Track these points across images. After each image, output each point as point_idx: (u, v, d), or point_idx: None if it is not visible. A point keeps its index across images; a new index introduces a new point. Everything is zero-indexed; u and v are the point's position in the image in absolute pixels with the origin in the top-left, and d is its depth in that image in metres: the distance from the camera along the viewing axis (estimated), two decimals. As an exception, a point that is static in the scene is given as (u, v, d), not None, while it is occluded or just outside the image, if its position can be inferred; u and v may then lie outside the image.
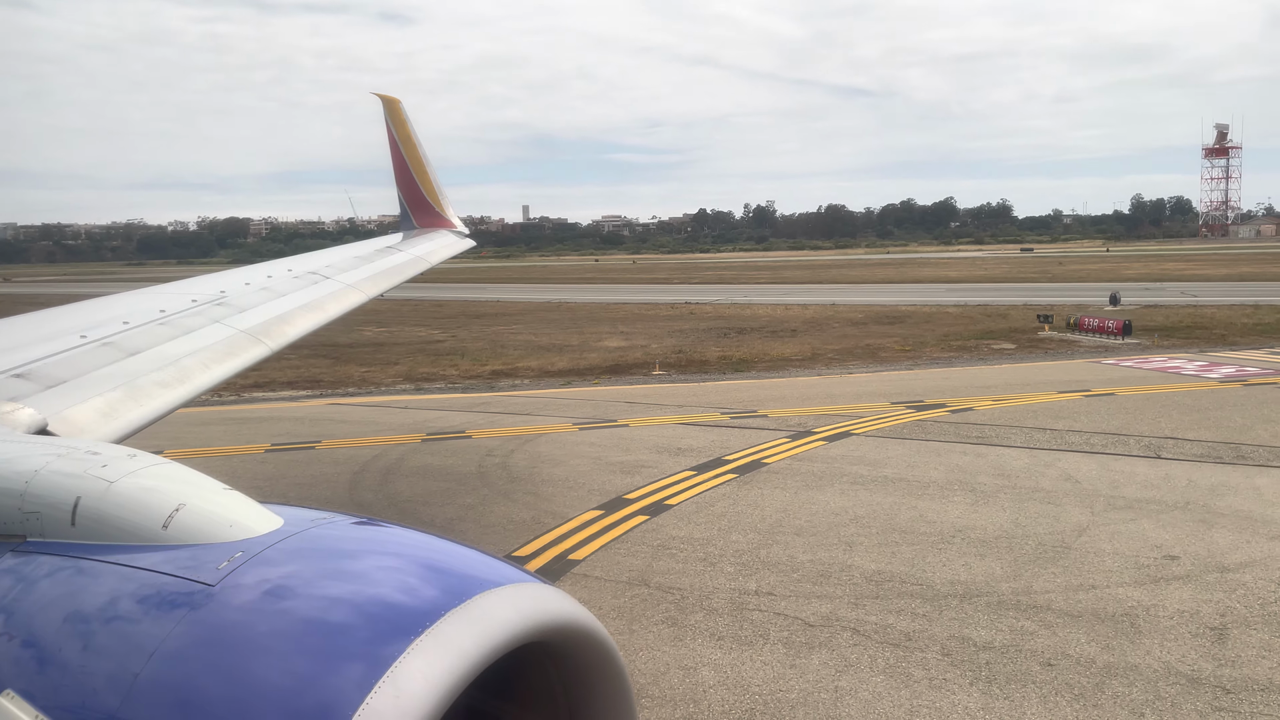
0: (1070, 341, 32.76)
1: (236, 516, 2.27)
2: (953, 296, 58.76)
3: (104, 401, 5.20)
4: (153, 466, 2.56)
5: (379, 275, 11.48)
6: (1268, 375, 24.02)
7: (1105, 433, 17.90)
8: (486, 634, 1.88)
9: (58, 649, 2.02)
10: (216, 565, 2.07)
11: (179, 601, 1.99)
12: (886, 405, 21.68)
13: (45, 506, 2.45)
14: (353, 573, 2.06)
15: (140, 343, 6.33)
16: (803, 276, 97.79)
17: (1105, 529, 12.40)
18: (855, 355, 31.48)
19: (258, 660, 1.83)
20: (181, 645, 1.89)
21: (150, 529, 2.28)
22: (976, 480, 14.96)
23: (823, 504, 13.93)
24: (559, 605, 2.09)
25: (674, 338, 39.60)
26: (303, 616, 1.90)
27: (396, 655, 1.79)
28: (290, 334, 8.03)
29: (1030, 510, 13.31)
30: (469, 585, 2.00)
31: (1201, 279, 71.64)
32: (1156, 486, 14.26)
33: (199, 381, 6.23)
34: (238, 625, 1.90)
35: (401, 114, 16.73)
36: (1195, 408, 20.09)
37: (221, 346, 6.92)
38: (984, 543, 12.04)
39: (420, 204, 16.91)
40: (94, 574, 2.20)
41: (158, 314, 7.08)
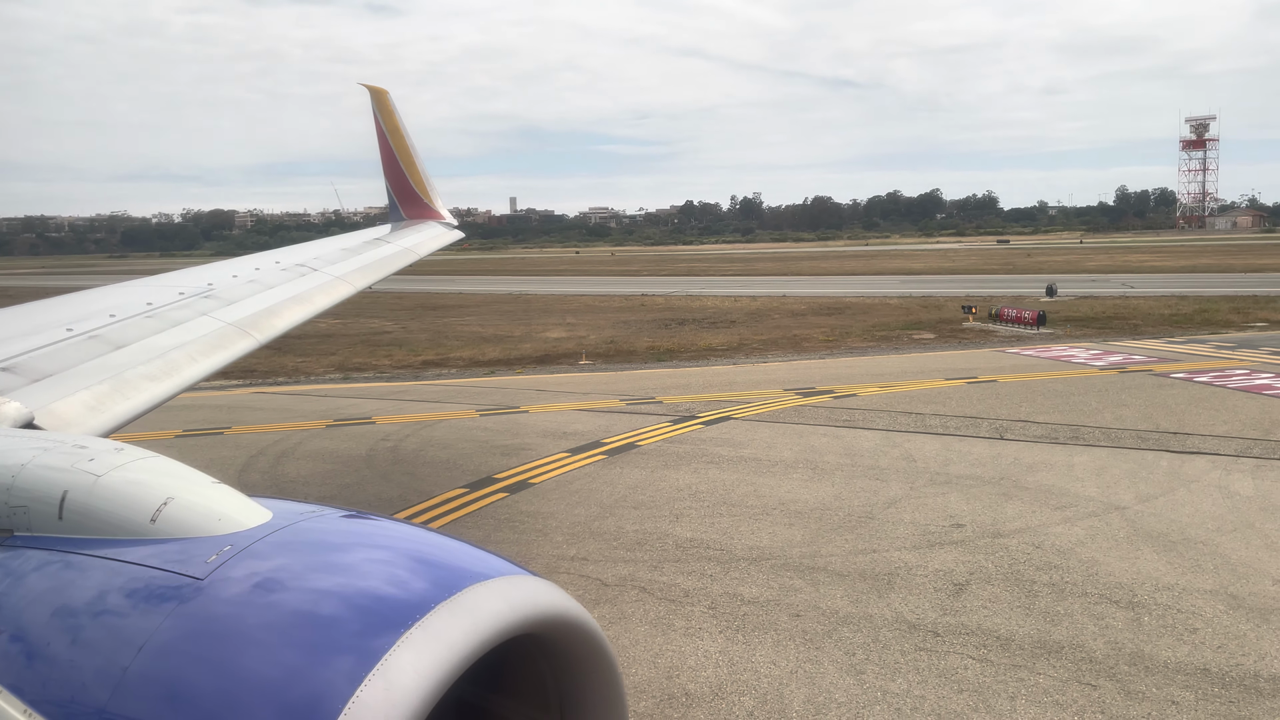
0: (989, 332, 34.04)
1: (225, 510, 2.28)
2: (905, 288, 59.99)
3: (91, 395, 5.22)
4: (140, 460, 2.56)
5: (367, 267, 11.51)
6: (1150, 363, 25.28)
7: (964, 416, 19.11)
8: (476, 626, 1.89)
9: (46, 644, 2.02)
10: (205, 559, 2.08)
11: (168, 595, 2.00)
12: (779, 392, 22.85)
13: (32, 501, 2.44)
14: (342, 566, 2.07)
15: (127, 336, 6.33)
16: (772, 269, 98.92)
17: (914, 501, 13.59)
18: (779, 345, 32.65)
19: (248, 654, 1.83)
20: (171, 639, 1.90)
21: (138, 523, 2.27)
22: (822, 459, 16.14)
23: (671, 481, 15.07)
24: (549, 597, 2.09)
25: (615, 329, 40.70)
26: (292, 610, 1.90)
27: (387, 648, 1.79)
28: (279, 326, 8.08)
29: (856, 485, 14.49)
30: (459, 578, 2.00)
31: (1159, 270, 73.07)
32: (983, 464, 15.46)
33: (187, 374, 6.26)
34: (227, 619, 1.91)
35: (389, 105, 16.69)
36: (1061, 393, 21.33)
37: (209, 339, 6.94)
38: (799, 514, 13.21)
39: (408, 195, 16.91)
40: (82, 568, 2.19)
41: (145, 307, 7.07)
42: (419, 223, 16.25)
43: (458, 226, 17.10)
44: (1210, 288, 51.54)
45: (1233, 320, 34.80)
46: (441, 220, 16.84)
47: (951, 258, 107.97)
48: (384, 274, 11.87)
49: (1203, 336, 30.80)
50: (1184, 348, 28.20)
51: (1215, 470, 14.59)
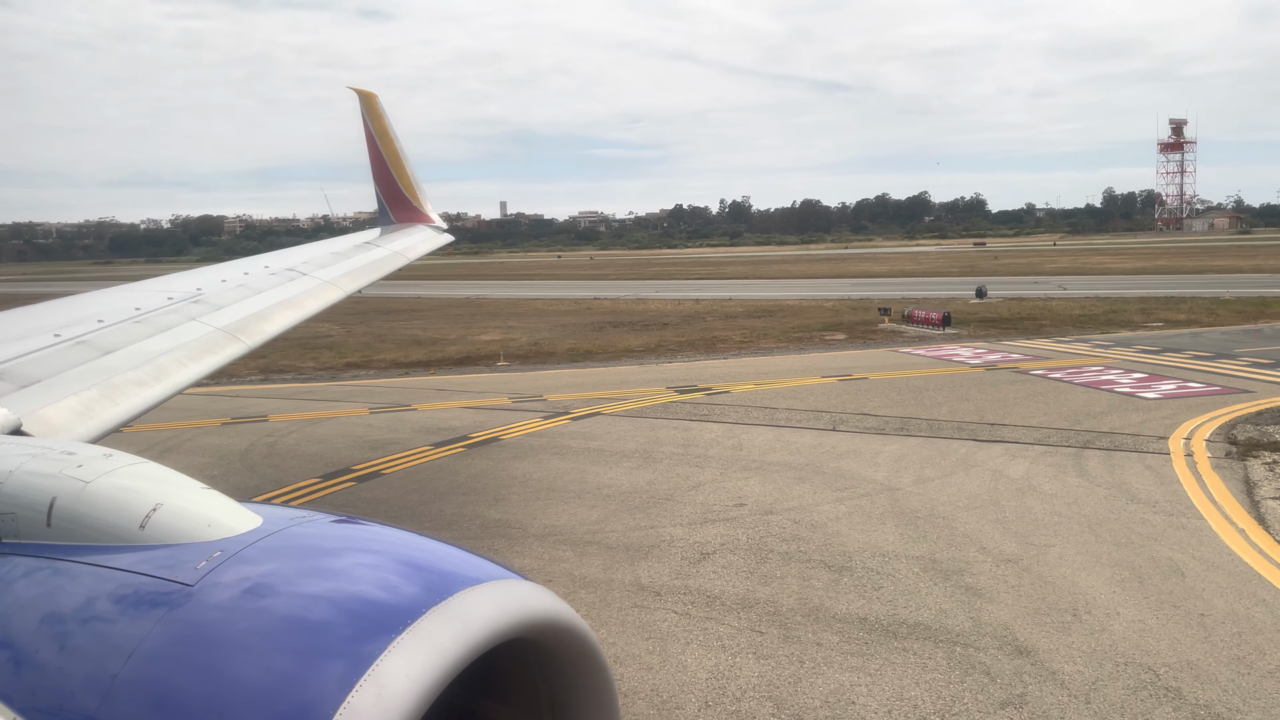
0: (898, 332, 35.50)
1: (215, 515, 2.29)
2: (852, 291, 61.46)
3: (79, 401, 5.24)
4: (129, 466, 2.57)
5: (357, 271, 11.60)
6: (1021, 361, 26.76)
7: (813, 410, 20.54)
8: (468, 631, 1.90)
9: (34, 651, 2.02)
10: (195, 565, 2.08)
11: (157, 601, 2.00)
12: (661, 389, 24.27)
13: (20, 508, 2.44)
14: (333, 571, 2.08)
15: (116, 341, 6.37)
16: (741, 272, 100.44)
17: (716, 485, 15.00)
18: (694, 347, 34.06)
19: (238, 660, 1.84)
20: (160, 645, 1.90)
21: (127, 529, 2.28)
22: (659, 449, 17.55)
23: (510, 470, 16.46)
24: (540, 602, 2.11)
25: (549, 331, 42.09)
26: (283, 615, 1.91)
27: (378, 653, 1.80)
28: (268, 331, 8.14)
29: (675, 472, 15.89)
30: (450, 582, 2.02)
31: (1113, 272, 74.69)
32: (799, 453, 16.88)
33: (176, 379, 6.29)
34: (217, 625, 1.91)
35: (378, 109, 16.83)
36: (918, 389, 22.78)
37: (198, 344, 7.00)
38: (607, 497, 14.61)
39: (398, 199, 17.05)
40: (70, 575, 2.20)
41: (133, 312, 7.11)
42: (408, 226, 16.49)
43: (447, 230, 17.39)
44: (1141, 289, 53.11)
45: (1134, 320, 36.32)
46: (431, 224, 17.06)
47: (920, 261, 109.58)
48: (374, 278, 11.98)
49: (1089, 336, 32.31)
50: (1066, 346, 29.70)
51: (1002, 457, 16.04)
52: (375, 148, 16.92)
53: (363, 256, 12.49)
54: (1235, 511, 12.69)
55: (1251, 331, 31.65)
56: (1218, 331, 32.03)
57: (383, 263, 12.79)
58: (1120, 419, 18.54)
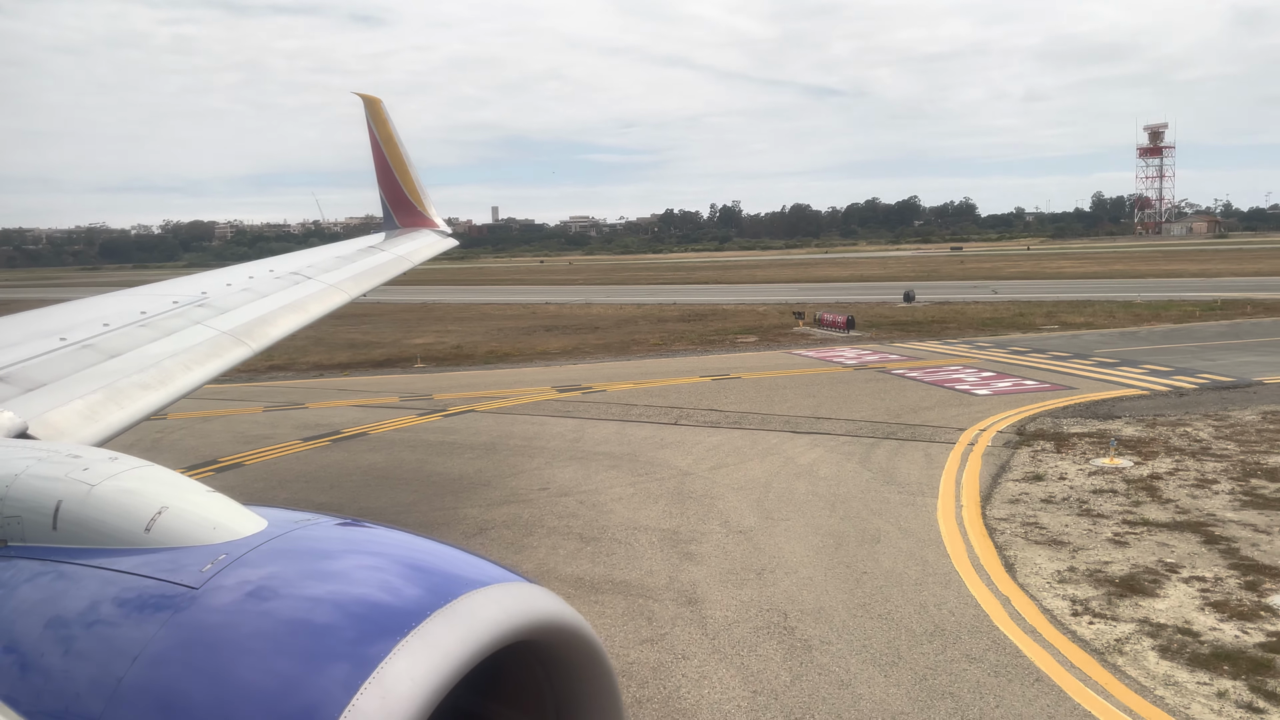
0: (807, 334, 37.19)
1: (220, 519, 2.33)
2: (797, 295, 63.13)
3: (85, 404, 5.30)
4: (135, 469, 2.59)
5: (361, 275, 11.75)
6: (894, 361, 28.48)
7: (667, 407, 22.21)
8: (472, 634, 1.93)
9: (40, 654, 2.05)
10: (200, 568, 2.12)
11: (162, 605, 2.03)
12: (546, 388, 25.92)
13: (26, 511, 2.48)
14: (337, 574, 2.11)
15: (121, 345, 6.43)
16: (709, 277, 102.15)
17: (537, 473, 16.63)
18: (609, 349, 35.70)
19: (243, 663, 1.87)
20: (165, 649, 1.93)
21: (133, 532, 2.31)
22: (507, 442, 19.19)
23: (360, 461, 18.08)
24: (545, 604, 2.14)
25: (482, 335, 43.72)
26: (287, 618, 1.94)
27: (382, 656, 1.83)
28: (273, 334, 8.23)
29: (506, 462, 17.53)
30: (454, 585, 2.05)
31: (1066, 276, 76.55)
32: (629, 444, 18.53)
33: (181, 383, 6.35)
34: (222, 628, 1.95)
35: (383, 113, 17.09)
36: (777, 387, 24.47)
37: (203, 348, 7.06)
38: (433, 483, 16.23)
39: (402, 203, 17.31)
40: (76, 578, 2.23)
41: (139, 315, 7.20)
42: (413, 231, 16.71)
43: (451, 234, 17.59)
44: (1071, 293, 54.92)
45: (1034, 323, 38.04)
46: (435, 228, 17.26)
47: (887, 265, 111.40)
48: (378, 282, 12.14)
49: (979, 338, 34.04)
50: (948, 348, 31.43)
51: (805, 446, 17.70)
52: (380, 152, 17.17)
53: (367, 260, 12.66)
54: (970, 492, 14.36)
55: (1128, 334, 33.40)
56: (1098, 334, 33.80)
57: (387, 267, 12.97)
58: (939, 413, 20.22)
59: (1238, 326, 34.28)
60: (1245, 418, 18.62)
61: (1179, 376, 23.63)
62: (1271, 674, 8.37)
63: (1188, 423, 18.41)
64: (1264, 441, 16.70)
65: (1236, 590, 10.24)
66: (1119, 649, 9.01)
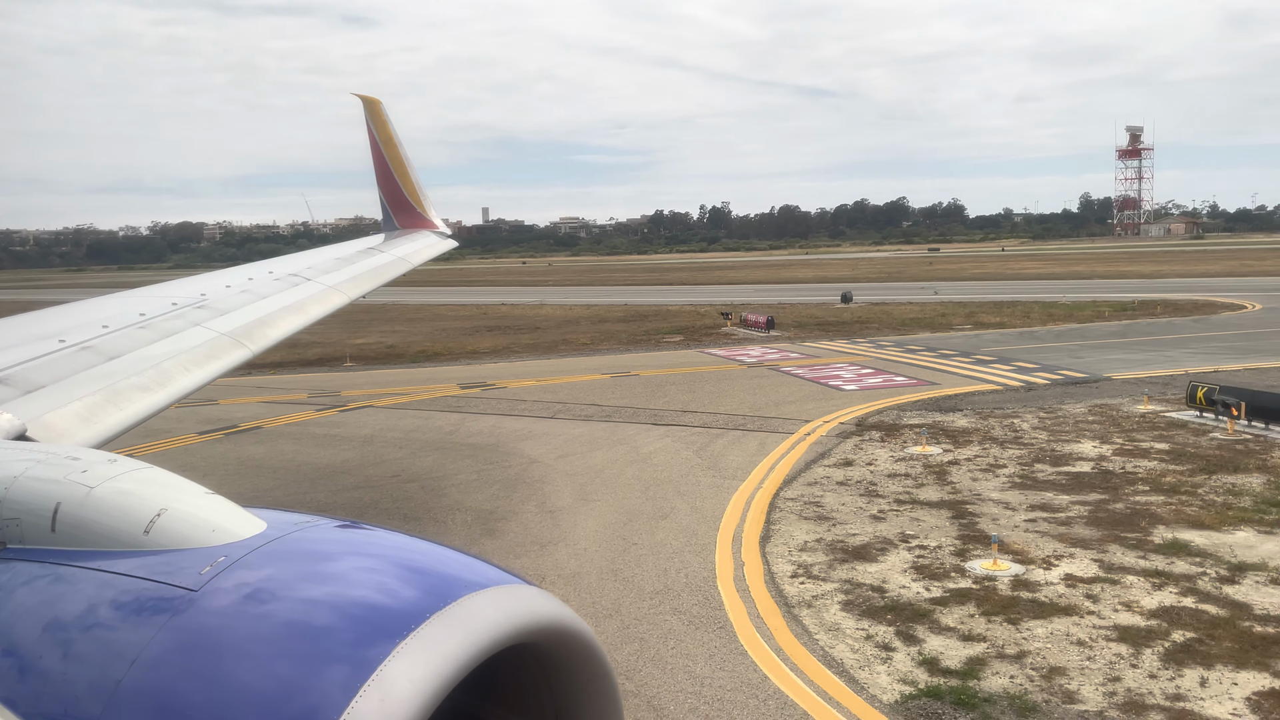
0: (730, 334, 38.64)
1: (219, 521, 2.35)
2: (752, 296, 64.59)
3: (83, 406, 5.33)
4: (133, 471, 2.63)
5: (361, 276, 11.81)
6: (791, 359, 29.93)
7: (555, 402, 23.62)
8: (471, 636, 1.95)
9: (38, 657, 2.07)
10: (199, 570, 2.13)
11: (161, 607, 2.05)
12: (452, 385, 27.28)
13: (25, 513, 2.51)
14: (336, 576, 2.13)
15: (120, 346, 6.45)
16: (680, 278, 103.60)
17: (397, 462, 18.00)
18: (537, 348, 37.08)
19: (242, 665, 1.88)
20: (164, 651, 1.94)
21: (132, 534, 2.33)
22: (386, 435, 20.55)
23: (242, 453, 19.42)
24: (544, 606, 2.15)
25: (422, 335, 45.07)
26: (286, 620, 1.96)
27: (382, 658, 1.85)
28: (272, 336, 8.27)
29: (375, 452, 18.89)
30: (453, 587, 2.06)
31: (1024, 277, 78.15)
32: (498, 436, 19.91)
33: (180, 385, 6.39)
34: (221, 630, 1.96)
35: (382, 114, 17.17)
36: (667, 383, 25.94)
37: (202, 349, 7.11)
38: (298, 472, 17.59)
39: (402, 205, 17.37)
40: (74, 580, 2.25)
41: (138, 317, 7.22)
42: (412, 232, 16.76)
43: (451, 236, 17.71)
44: (1010, 294, 56.39)
45: (951, 323, 39.54)
46: (435, 229, 17.34)
47: (858, 267, 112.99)
48: (377, 283, 12.22)
49: (886, 337, 35.55)
50: (853, 346, 32.94)
51: (656, 437, 19.10)
52: (379, 153, 17.24)
53: (367, 262, 12.71)
54: (777, 476, 15.77)
55: (1027, 334, 34.96)
56: (1000, 333, 35.37)
57: (386, 268, 13.05)
58: (799, 407, 21.64)
59: (1132, 327, 35.87)
60: (1073, 410, 20.08)
61: (1040, 373, 25.12)
62: (924, 623, 9.77)
63: (1017, 415, 19.86)
64: (1073, 432, 18.14)
65: (946, 556, 11.66)
66: (809, 604, 10.42)
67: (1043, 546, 11.86)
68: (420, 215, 17.38)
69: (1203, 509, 13.06)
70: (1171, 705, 7.92)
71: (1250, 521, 12.46)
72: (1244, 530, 12.16)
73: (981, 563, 11.33)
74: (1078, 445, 16.99)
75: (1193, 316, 38.79)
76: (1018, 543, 12.03)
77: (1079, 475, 15.06)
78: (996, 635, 9.41)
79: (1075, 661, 8.77)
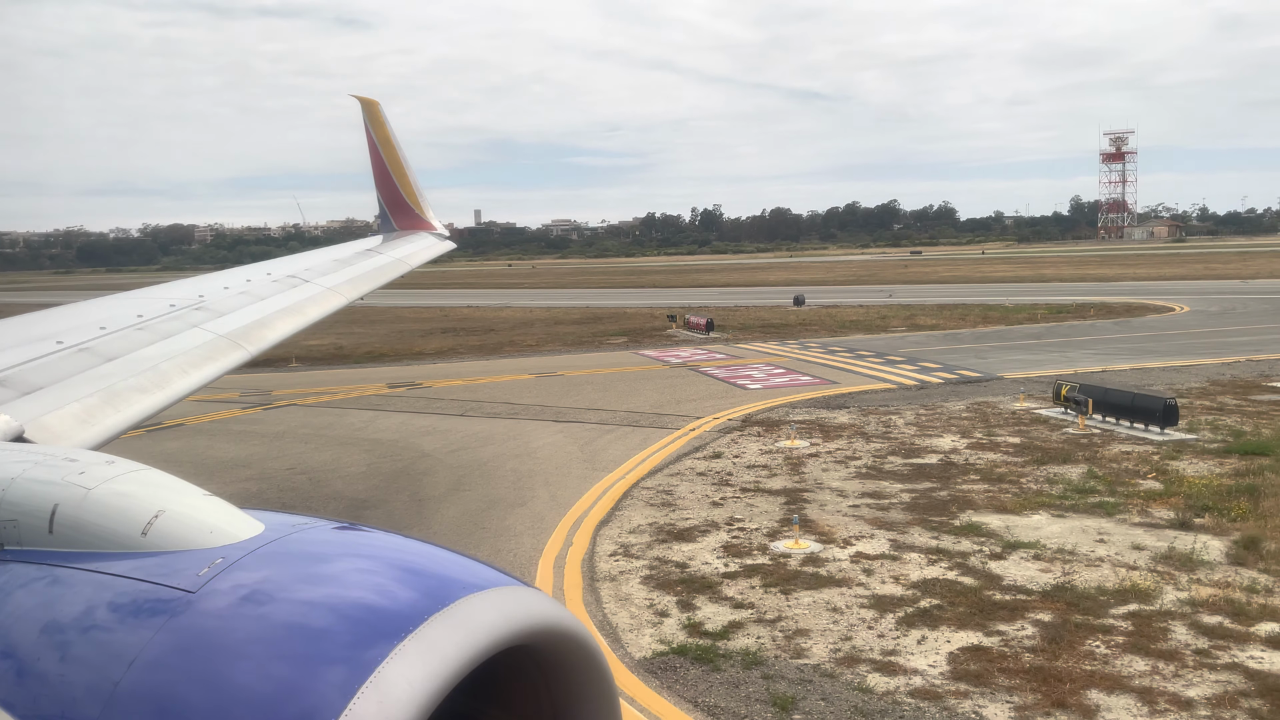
0: (672, 336, 39.76)
1: (217, 522, 2.36)
2: (712, 299, 65.73)
3: (81, 408, 5.35)
4: (131, 473, 2.64)
5: (359, 278, 11.89)
6: (716, 360, 31.05)
7: (470, 400, 24.70)
8: (470, 638, 1.96)
9: (36, 659, 2.09)
10: (197, 572, 2.15)
11: (159, 609, 2.06)
12: (380, 385, 28.33)
13: (22, 515, 2.52)
14: (334, 577, 2.14)
15: (118, 348, 6.48)
16: (657, 281, 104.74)
17: (298, 455, 19.04)
18: (483, 350, 38.16)
19: (239, 667, 1.89)
20: (162, 653, 1.96)
21: (129, 536, 2.34)
22: (299, 430, 21.61)
23: (158, 447, 20.43)
24: (542, 608, 2.17)
25: (376, 337, 46.11)
26: (284, 622, 1.97)
27: (380, 660, 1.86)
28: (270, 338, 8.34)
29: (278, 447, 19.93)
30: (452, 589, 2.07)
31: (990, 280, 79.40)
32: (402, 432, 20.98)
33: (178, 386, 6.46)
34: (219, 632, 1.97)
35: (380, 116, 17.32)
36: (586, 383, 27.06)
37: (200, 351, 7.20)
38: (200, 465, 18.62)
39: (400, 206, 17.53)
40: (72, 582, 2.27)
41: (135, 319, 7.25)
42: (411, 233, 16.88)
43: (449, 238, 17.85)
44: (959, 297, 57.62)
45: (889, 326, 40.70)
46: (433, 231, 17.52)
47: (834, 269, 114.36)
48: (376, 285, 12.29)
49: (815, 340, 36.69)
50: (778, 347, 34.16)
51: (551, 433, 20.18)
52: (377, 155, 17.41)
53: (365, 264, 12.79)
54: (645, 467, 16.86)
55: (952, 335, 36.23)
56: (927, 335, 36.68)
57: (385, 270, 13.17)
58: (698, 405, 22.74)
59: (1054, 329, 37.13)
60: (951, 407, 21.21)
61: (940, 372, 26.29)
62: (707, 594, 10.86)
63: (897, 412, 20.98)
64: (940, 427, 19.27)
65: (759, 537, 12.75)
66: (613, 578, 11.50)
67: (850, 529, 12.96)
68: (418, 217, 17.59)
69: (1015, 496, 14.18)
70: (881, 659, 9.02)
71: (1050, 507, 13.57)
72: (1040, 514, 13.27)
73: (785, 542, 12.43)
74: (938, 440, 18.11)
75: (1118, 319, 40.08)
76: (829, 525, 13.13)
77: (922, 467, 16.17)
78: (765, 604, 10.50)
79: (821, 625, 9.86)
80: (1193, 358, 27.65)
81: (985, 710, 8.01)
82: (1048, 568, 11.18)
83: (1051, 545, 11.92)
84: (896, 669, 8.81)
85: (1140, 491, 14.08)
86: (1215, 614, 9.65)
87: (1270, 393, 21.61)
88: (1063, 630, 9.42)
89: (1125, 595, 10.23)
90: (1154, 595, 10.18)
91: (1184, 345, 30.79)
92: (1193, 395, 21.49)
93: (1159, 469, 15.28)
